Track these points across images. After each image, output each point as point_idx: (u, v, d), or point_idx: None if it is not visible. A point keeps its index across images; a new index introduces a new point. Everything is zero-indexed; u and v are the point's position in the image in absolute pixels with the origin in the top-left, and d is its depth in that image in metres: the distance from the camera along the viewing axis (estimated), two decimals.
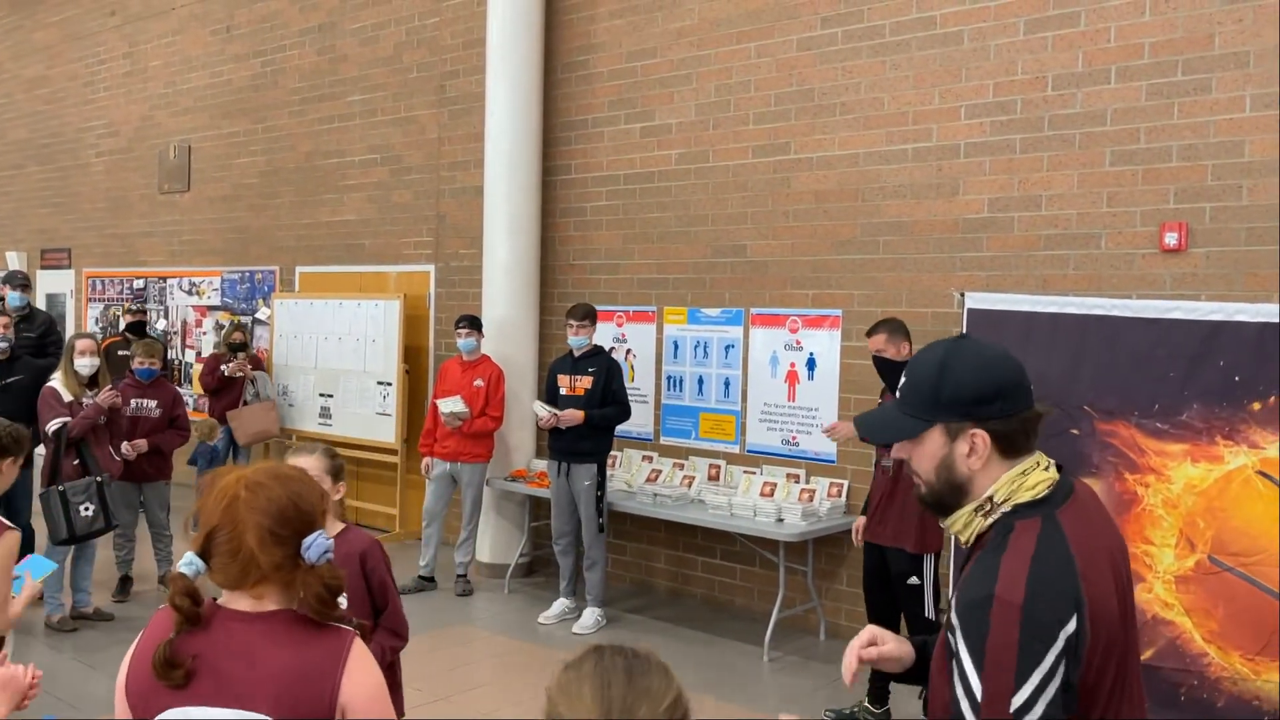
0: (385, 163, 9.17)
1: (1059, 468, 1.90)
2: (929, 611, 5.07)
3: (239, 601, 1.82)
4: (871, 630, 2.06)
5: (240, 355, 9.01)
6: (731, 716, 5.25)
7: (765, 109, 6.84)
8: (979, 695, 1.69)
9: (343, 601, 1.93)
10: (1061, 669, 1.67)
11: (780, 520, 6.17)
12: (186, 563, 1.82)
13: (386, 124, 9.14)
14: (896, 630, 5.25)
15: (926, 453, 1.89)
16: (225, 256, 10.71)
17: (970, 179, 6.03)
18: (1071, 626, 1.69)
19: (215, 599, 1.86)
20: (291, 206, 10.00)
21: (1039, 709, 1.65)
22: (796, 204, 6.70)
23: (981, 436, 1.84)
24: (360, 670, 1.81)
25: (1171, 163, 5.40)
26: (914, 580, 5.07)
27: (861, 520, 5.43)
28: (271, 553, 1.78)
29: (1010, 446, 1.85)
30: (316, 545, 1.81)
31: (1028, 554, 1.75)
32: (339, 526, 3.17)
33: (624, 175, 7.58)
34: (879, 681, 5.25)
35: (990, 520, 1.85)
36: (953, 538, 5.70)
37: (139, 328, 9.26)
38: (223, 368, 8.90)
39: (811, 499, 6.38)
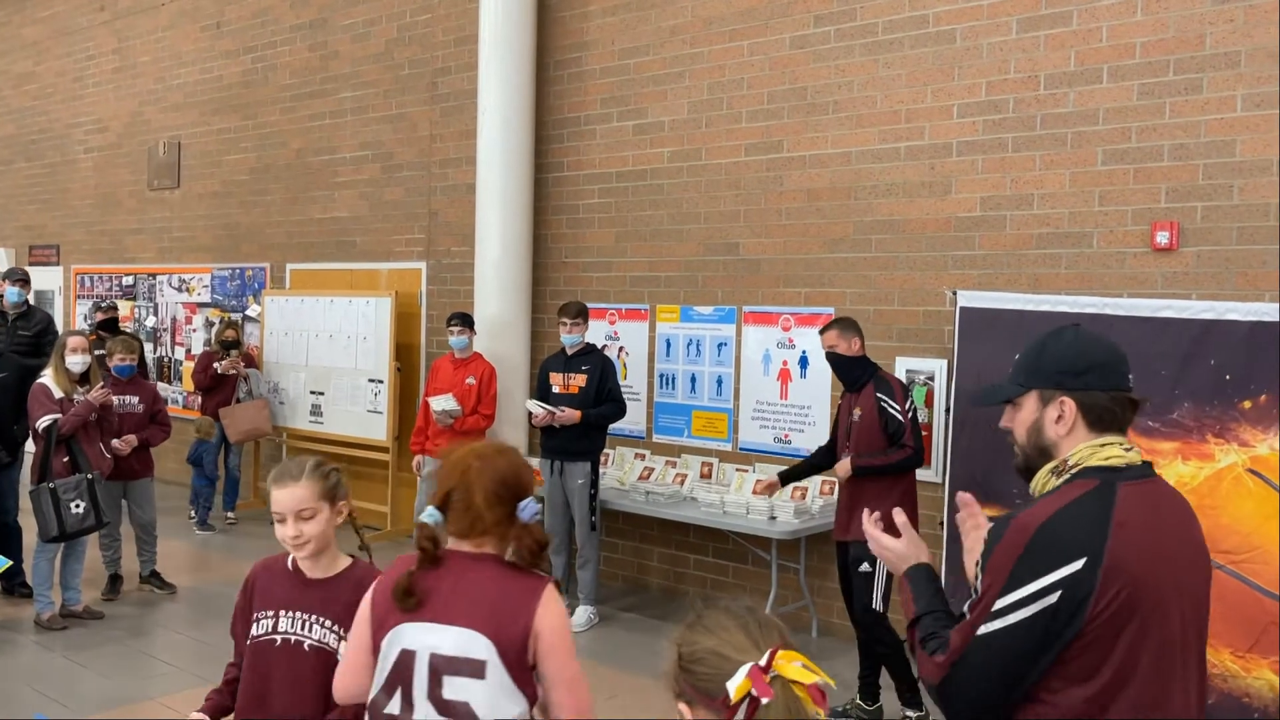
0: (377, 159, 9.15)
1: (1148, 464, 2.06)
2: (876, 603, 5.02)
3: (463, 546, 2.30)
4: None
5: (233, 353, 8.99)
6: None
7: (758, 107, 6.85)
8: (976, 593, 1.97)
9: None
10: (1050, 600, 1.85)
11: (773, 518, 6.18)
12: (429, 514, 2.28)
13: (378, 121, 9.12)
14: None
15: (1022, 418, 2.11)
16: (215, 253, 10.67)
17: (963, 178, 6.04)
18: (1074, 568, 1.85)
19: (445, 545, 2.30)
20: (282, 203, 9.97)
21: (1011, 619, 1.87)
22: (789, 202, 6.71)
23: (1070, 405, 2.03)
24: (551, 607, 2.25)
25: (1163, 162, 5.42)
26: (865, 567, 5.03)
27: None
28: (495, 510, 2.25)
29: (1096, 420, 2.04)
30: (529, 508, 2.28)
31: (1065, 500, 1.95)
32: (344, 561, 2.78)
33: (616, 173, 7.57)
34: (870, 678, 5.26)
35: (1060, 480, 2.03)
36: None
37: (111, 325, 9.19)
38: (216, 365, 8.88)
39: (804, 497, 6.39)
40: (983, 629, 1.90)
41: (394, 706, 2.23)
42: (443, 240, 8.63)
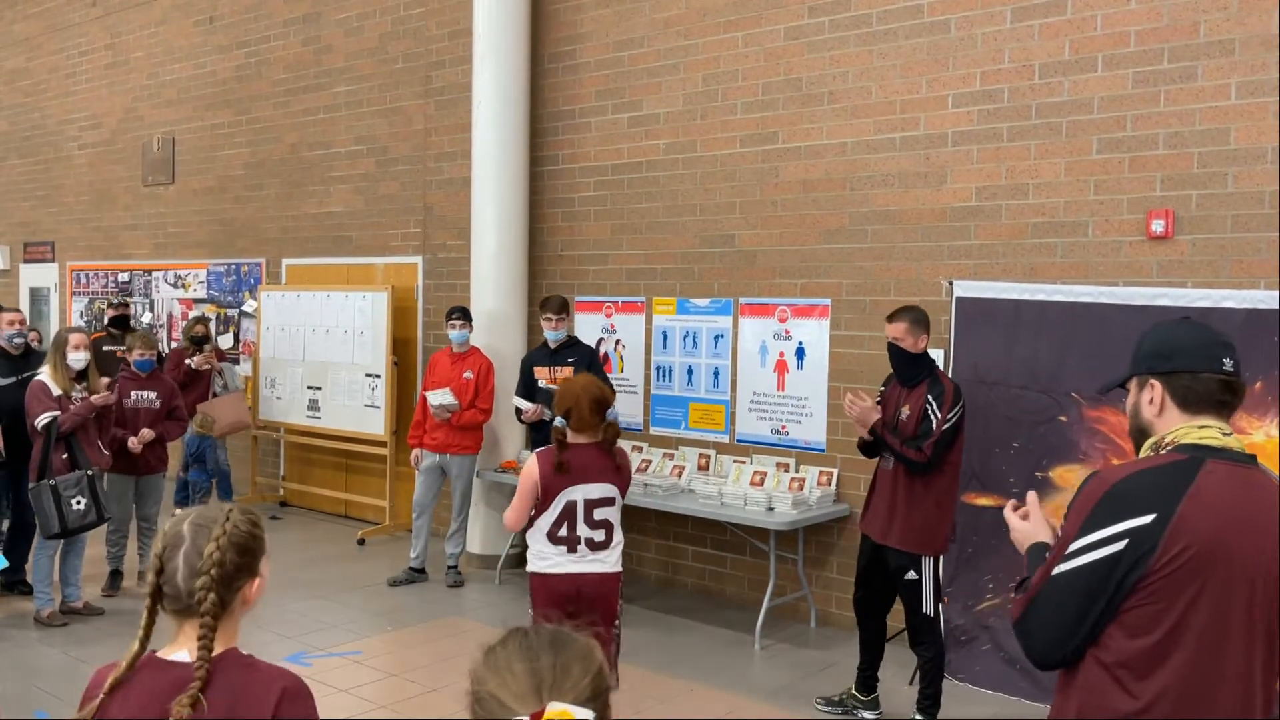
0: (371, 154, 9.13)
1: (1251, 456, 2.15)
2: (928, 607, 4.91)
3: (577, 438, 4.18)
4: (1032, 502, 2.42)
5: (205, 348, 8.91)
6: (723, 705, 5.27)
7: (753, 98, 6.84)
8: (1059, 535, 2.17)
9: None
10: (1117, 547, 2.01)
11: (770, 509, 6.19)
12: (559, 422, 4.19)
13: (372, 115, 9.11)
14: (882, 623, 5.25)
15: (1129, 404, 2.28)
16: (211, 249, 10.66)
17: (958, 168, 6.05)
18: (1142, 521, 2.00)
19: (564, 437, 4.17)
20: (277, 198, 9.96)
21: (1081, 560, 2.05)
22: (785, 194, 6.71)
23: (1158, 387, 2.19)
24: (630, 464, 4.35)
25: (1158, 150, 5.43)
26: (911, 575, 4.91)
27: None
28: (596, 417, 4.15)
29: (1184, 401, 2.16)
30: (612, 412, 4.26)
31: (1150, 464, 2.12)
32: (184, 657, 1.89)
33: (612, 166, 7.57)
34: (869, 672, 5.26)
35: (1156, 453, 2.17)
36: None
37: (123, 321, 9.18)
38: (188, 361, 8.81)
39: (801, 488, 6.40)
40: (1057, 569, 2.08)
41: (564, 530, 4.12)
42: (438, 234, 8.63)
